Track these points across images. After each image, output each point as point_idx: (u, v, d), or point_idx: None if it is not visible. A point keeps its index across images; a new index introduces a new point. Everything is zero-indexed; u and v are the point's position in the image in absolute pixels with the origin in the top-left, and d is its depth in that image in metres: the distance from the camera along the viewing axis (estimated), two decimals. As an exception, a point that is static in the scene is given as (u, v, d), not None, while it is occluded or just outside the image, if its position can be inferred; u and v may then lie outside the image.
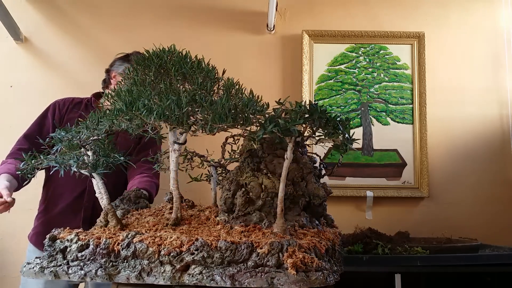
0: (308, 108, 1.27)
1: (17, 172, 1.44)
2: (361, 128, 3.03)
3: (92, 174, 1.38)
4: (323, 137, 1.28)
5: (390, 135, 3.03)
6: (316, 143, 1.32)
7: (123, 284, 1.26)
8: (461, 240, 2.71)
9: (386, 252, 2.37)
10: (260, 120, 1.29)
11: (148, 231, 1.32)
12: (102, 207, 1.41)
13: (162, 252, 1.23)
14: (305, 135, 1.33)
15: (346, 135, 1.28)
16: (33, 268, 1.28)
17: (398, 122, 3.06)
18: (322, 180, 1.65)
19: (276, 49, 3.12)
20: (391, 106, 3.06)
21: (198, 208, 1.60)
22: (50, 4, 3.09)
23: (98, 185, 1.41)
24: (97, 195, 1.45)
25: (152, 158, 1.64)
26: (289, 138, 1.31)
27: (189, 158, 1.63)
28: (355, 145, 2.11)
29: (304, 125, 1.30)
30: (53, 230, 1.36)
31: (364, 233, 2.54)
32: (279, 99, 1.31)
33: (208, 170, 1.68)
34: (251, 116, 1.29)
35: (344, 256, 1.45)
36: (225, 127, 1.26)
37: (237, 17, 3.13)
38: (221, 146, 1.62)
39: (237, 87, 1.40)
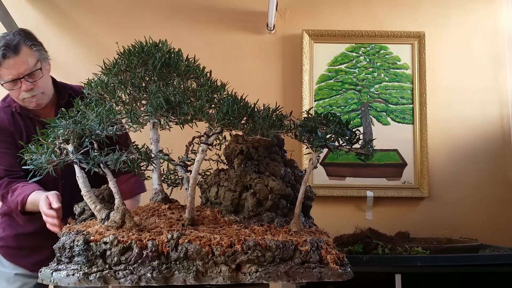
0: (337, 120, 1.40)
1: (29, 166, 1.37)
2: (361, 128, 3.02)
3: (105, 171, 1.34)
4: (349, 146, 1.39)
5: (390, 135, 3.03)
6: (334, 150, 1.41)
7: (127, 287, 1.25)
8: (461, 240, 2.70)
9: (386, 252, 2.37)
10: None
11: (179, 232, 1.30)
12: (115, 207, 1.36)
13: (217, 253, 1.25)
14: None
15: (369, 147, 1.39)
16: (72, 274, 1.23)
17: (398, 122, 3.05)
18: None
19: (276, 49, 3.12)
20: (392, 106, 3.06)
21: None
22: (50, 4, 3.08)
23: (111, 183, 1.37)
24: (83, 193, 1.40)
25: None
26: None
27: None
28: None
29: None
30: (79, 234, 1.31)
31: (364, 233, 2.54)
32: (308, 109, 1.40)
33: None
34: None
35: (344, 256, 1.50)
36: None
37: (237, 17, 3.12)
38: (186, 145, 1.61)
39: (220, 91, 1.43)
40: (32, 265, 2.09)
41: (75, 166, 1.38)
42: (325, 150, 1.97)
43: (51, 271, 1.26)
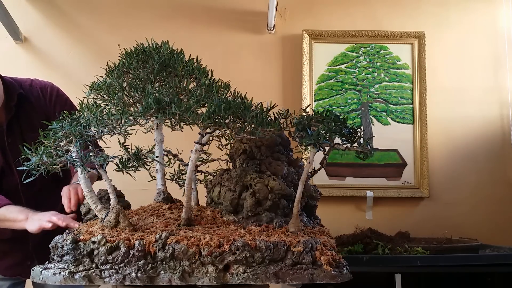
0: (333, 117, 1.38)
1: (24, 167, 1.36)
2: (361, 128, 3.02)
3: (100, 171, 1.34)
4: (348, 145, 1.37)
5: (390, 135, 3.03)
6: (333, 148, 1.40)
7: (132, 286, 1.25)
8: (461, 240, 2.70)
9: (386, 252, 2.37)
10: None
11: (168, 231, 1.30)
12: (110, 207, 1.36)
13: (204, 253, 1.23)
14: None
15: (368, 145, 1.37)
16: (58, 273, 1.23)
17: (398, 122, 3.05)
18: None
19: (276, 49, 3.12)
20: (392, 106, 3.06)
21: (195, 208, 1.59)
22: (50, 4, 3.08)
23: (106, 183, 1.37)
24: (85, 193, 1.40)
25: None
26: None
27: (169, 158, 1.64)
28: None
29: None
30: (70, 233, 1.32)
31: (364, 233, 2.54)
32: (305, 107, 1.40)
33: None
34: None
35: (344, 256, 1.48)
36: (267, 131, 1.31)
37: (237, 17, 3.12)
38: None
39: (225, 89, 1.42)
40: (4, 269, 2.07)
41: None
42: (326, 149, 1.97)
43: (40, 270, 1.26)
